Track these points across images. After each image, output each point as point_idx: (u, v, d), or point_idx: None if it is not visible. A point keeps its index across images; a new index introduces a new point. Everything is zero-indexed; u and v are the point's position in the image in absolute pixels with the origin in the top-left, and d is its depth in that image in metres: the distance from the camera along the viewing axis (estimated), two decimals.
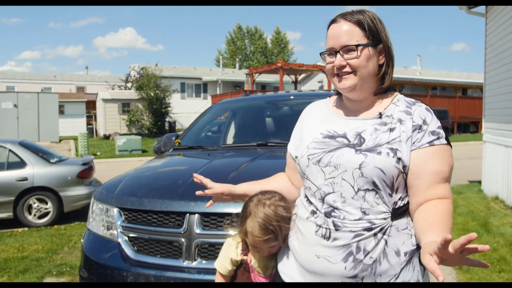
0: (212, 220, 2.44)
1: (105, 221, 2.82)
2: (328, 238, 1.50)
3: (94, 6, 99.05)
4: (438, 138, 1.54)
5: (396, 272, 1.50)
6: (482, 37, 9.48)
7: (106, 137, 27.12)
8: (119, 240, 2.64)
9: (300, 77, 31.68)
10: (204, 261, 2.40)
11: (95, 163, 8.77)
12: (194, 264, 2.39)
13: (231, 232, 2.39)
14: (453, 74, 40.98)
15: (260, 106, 4.72)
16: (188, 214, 2.45)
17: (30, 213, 7.45)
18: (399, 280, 1.50)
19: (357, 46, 1.55)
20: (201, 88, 36.44)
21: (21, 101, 23.84)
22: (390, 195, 1.51)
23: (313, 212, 1.56)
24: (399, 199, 1.53)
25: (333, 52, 1.60)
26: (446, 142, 1.56)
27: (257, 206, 1.71)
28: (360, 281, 1.48)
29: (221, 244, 2.36)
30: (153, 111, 27.08)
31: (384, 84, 1.63)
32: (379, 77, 1.63)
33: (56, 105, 25.04)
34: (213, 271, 2.34)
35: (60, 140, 25.23)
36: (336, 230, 1.49)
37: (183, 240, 2.43)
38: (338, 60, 1.58)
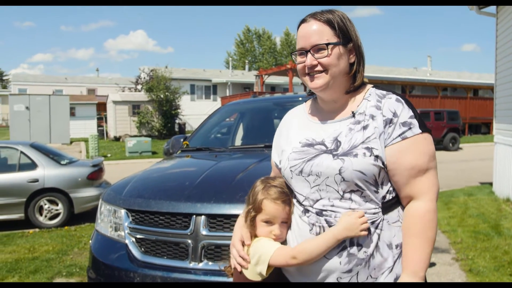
0: (219, 221, 2.44)
1: (112, 222, 2.84)
2: None
3: (104, 8, 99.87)
4: (410, 129, 1.53)
5: (390, 265, 1.52)
6: (493, 38, 9.40)
7: (117, 138, 27.30)
8: (127, 241, 2.66)
9: None
10: (210, 263, 2.40)
11: (105, 164, 8.84)
12: (201, 265, 2.40)
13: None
14: (464, 75, 40.66)
15: (267, 107, 4.73)
16: (194, 216, 2.46)
17: (41, 214, 7.52)
18: (393, 273, 1.52)
19: (327, 44, 1.56)
20: (211, 90, 36.56)
21: (33, 104, 24.10)
22: (376, 191, 1.52)
23: (305, 211, 1.58)
24: (387, 192, 1.55)
25: (303, 51, 1.60)
26: (420, 131, 1.53)
27: (268, 180, 1.74)
28: (355, 275, 1.49)
29: (227, 245, 2.37)
30: (163, 113, 27.20)
31: (356, 82, 1.63)
32: (350, 76, 1.62)
33: (67, 107, 25.29)
34: (219, 272, 2.35)
35: (71, 142, 25.45)
36: (330, 226, 1.51)
37: (189, 241, 2.44)
38: (309, 59, 1.58)
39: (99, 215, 3.05)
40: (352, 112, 1.59)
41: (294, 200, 1.65)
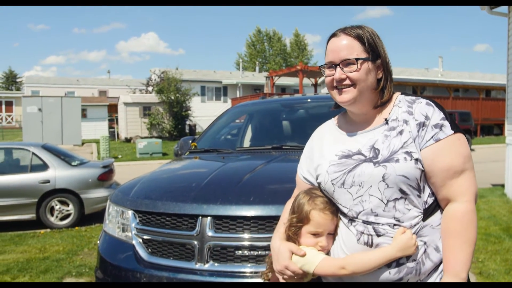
0: (225, 223, 2.45)
1: (120, 223, 2.86)
2: (371, 245, 1.52)
3: (115, 10, 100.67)
4: (441, 130, 1.53)
5: (438, 268, 1.53)
6: (505, 38, 9.29)
7: (128, 140, 27.47)
8: (134, 242, 2.68)
9: (320, 80, 31.55)
10: (216, 264, 2.40)
11: (116, 166, 8.92)
12: (206, 266, 2.41)
13: (246, 235, 2.41)
14: (476, 76, 40.26)
15: (276, 109, 4.73)
16: (200, 217, 2.46)
17: (52, 215, 7.61)
18: (440, 273, 1.53)
19: (357, 59, 1.58)
20: (221, 91, 36.63)
21: (45, 105, 24.37)
22: (419, 196, 1.53)
23: (351, 221, 1.58)
24: (428, 196, 1.55)
25: (332, 65, 1.62)
26: (452, 132, 1.54)
27: (312, 191, 1.72)
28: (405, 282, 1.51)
29: (233, 246, 2.39)
30: (174, 114, 27.32)
31: (384, 98, 1.64)
32: (378, 91, 1.64)
33: (79, 109, 25.53)
34: (224, 274, 2.36)
35: (82, 143, 25.68)
36: (378, 236, 1.51)
37: (195, 242, 2.44)
38: (338, 73, 1.60)
39: (107, 216, 3.07)
40: (385, 119, 1.61)
41: (338, 213, 1.65)
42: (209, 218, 2.45)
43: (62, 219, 7.65)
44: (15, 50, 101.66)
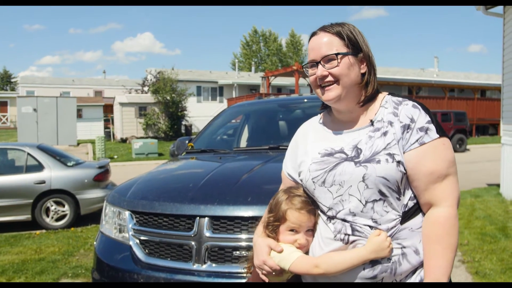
0: (222, 223, 2.44)
1: (117, 224, 2.85)
2: (347, 242, 1.52)
3: (112, 10, 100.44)
4: (427, 134, 1.52)
5: (416, 269, 1.52)
6: (500, 38, 9.34)
7: (123, 140, 27.40)
8: (131, 243, 2.67)
9: None
10: (214, 264, 2.40)
11: (112, 166, 8.88)
12: (204, 267, 2.40)
13: (243, 235, 2.41)
14: (471, 76, 40.47)
15: (272, 109, 4.73)
16: (198, 218, 2.46)
17: (47, 216, 7.58)
18: (418, 275, 1.52)
19: (336, 54, 1.57)
20: (217, 91, 36.60)
21: (41, 106, 24.23)
22: (398, 199, 1.52)
23: (330, 219, 1.57)
24: (409, 199, 1.53)
25: (314, 63, 1.61)
26: (437, 136, 1.52)
27: (291, 189, 1.71)
28: (380, 281, 1.49)
29: (231, 247, 2.38)
30: (170, 114, 27.26)
31: (368, 92, 1.62)
32: (362, 86, 1.62)
33: (74, 109, 25.41)
34: (222, 274, 2.36)
35: (78, 144, 25.58)
36: (354, 235, 1.51)
37: (193, 243, 2.44)
38: (320, 70, 1.59)
39: (103, 216, 3.06)
40: (371, 120, 1.59)
41: (318, 210, 1.64)
42: (206, 218, 2.45)
43: (57, 219, 7.61)
44: (11, 50, 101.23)
